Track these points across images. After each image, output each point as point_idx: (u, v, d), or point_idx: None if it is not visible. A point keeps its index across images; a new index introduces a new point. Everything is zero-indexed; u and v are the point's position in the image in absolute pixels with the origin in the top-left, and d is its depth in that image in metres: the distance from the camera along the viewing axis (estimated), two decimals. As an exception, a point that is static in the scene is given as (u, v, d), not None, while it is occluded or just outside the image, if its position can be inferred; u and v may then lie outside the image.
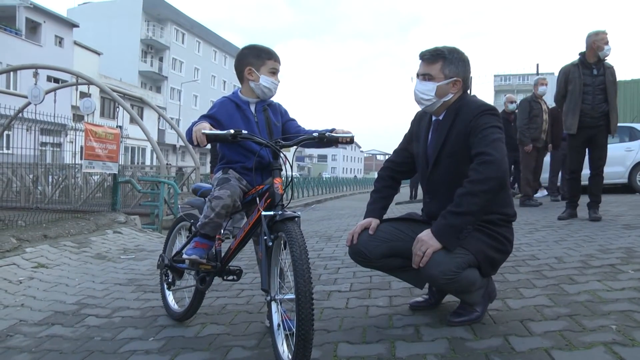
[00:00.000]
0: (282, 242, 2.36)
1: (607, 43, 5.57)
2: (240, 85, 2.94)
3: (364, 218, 2.79)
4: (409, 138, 2.90)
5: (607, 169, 5.84)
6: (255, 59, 2.81)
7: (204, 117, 2.76)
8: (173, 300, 3.29)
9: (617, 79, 5.78)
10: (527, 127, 7.85)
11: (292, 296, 2.18)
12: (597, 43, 5.58)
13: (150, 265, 5.03)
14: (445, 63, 2.59)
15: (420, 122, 2.84)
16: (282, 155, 2.57)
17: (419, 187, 3.22)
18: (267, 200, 2.48)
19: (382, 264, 2.71)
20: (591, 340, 2.17)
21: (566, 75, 5.83)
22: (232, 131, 2.45)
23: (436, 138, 2.64)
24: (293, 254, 2.12)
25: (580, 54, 5.77)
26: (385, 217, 2.84)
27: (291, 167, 2.56)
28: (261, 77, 2.80)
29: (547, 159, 8.83)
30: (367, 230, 2.70)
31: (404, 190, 18.19)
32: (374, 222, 2.72)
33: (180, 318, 3.10)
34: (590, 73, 5.64)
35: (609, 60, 5.70)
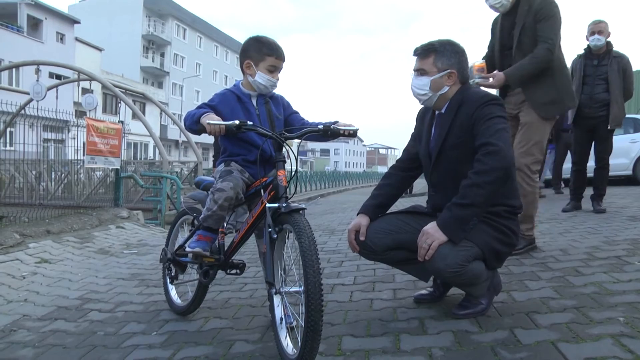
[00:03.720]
0: (286, 234, 2.34)
1: (596, 33, 5.49)
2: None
3: (357, 214, 2.77)
4: (414, 136, 2.89)
5: (611, 161, 5.80)
6: (255, 53, 2.75)
7: (204, 106, 2.73)
8: (176, 295, 3.27)
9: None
10: None
11: (298, 288, 2.17)
12: (588, 33, 5.57)
13: (153, 260, 5.03)
14: (437, 56, 2.58)
15: (423, 117, 2.82)
16: (286, 147, 2.54)
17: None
18: (271, 193, 2.46)
19: (387, 257, 2.69)
20: (598, 333, 2.15)
21: (572, 68, 5.80)
22: (237, 122, 2.43)
23: (439, 131, 2.62)
24: (302, 245, 2.10)
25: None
26: (388, 211, 2.82)
27: (296, 159, 2.53)
28: (257, 74, 2.73)
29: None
30: (371, 223, 2.69)
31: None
32: (363, 221, 2.70)
33: (183, 312, 3.09)
34: (591, 63, 5.60)
35: (622, 49, 5.66)
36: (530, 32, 3.63)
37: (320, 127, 2.59)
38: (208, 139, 2.68)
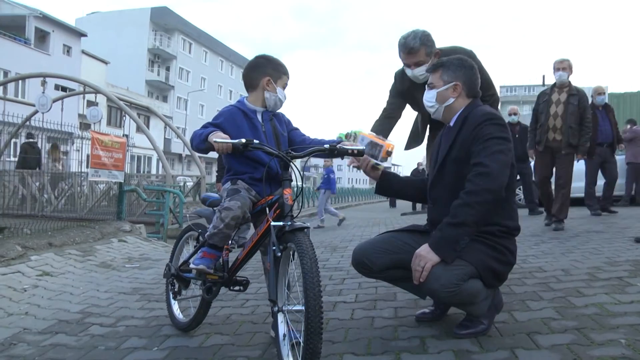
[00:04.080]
0: (290, 252, 2.34)
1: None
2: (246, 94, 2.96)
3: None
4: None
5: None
6: (274, 71, 2.87)
7: (210, 125, 2.76)
8: (178, 310, 3.27)
9: (624, 91, 6.00)
10: (532, 129, 6.71)
11: (300, 307, 2.17)
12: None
13: (154, 274, 5.02)
14: (443, 70, 2.68)
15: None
16: (293, 166, 2.57)
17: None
18: (277, 211, 2.48)
19: (385, 275, 2.72)
20: (600, 355, 2.14)
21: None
22: (243, 140, 2.46)
23: (444, 143, 2.66)
24: (304, 266, 2.11)
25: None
26: (391, 229, 2.85)
27: (302, 177, 2.56)
28: (278, 90, 2.85)
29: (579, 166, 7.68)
30: (370, 242, 2.74)
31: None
32: None
33: (185, 328, 3.08)
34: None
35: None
36: None
37: (327, 146, 2.61)
38: (211, 153, 2.73)
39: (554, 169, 6.30)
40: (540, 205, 7.90)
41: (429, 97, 2.73)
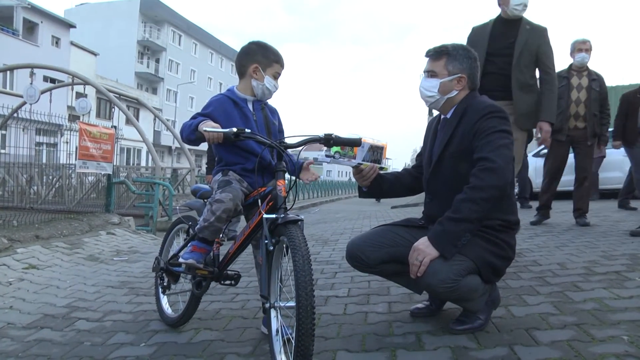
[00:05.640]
0: (283, 246, 2.26)
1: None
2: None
3: None
4: (424, 141, 2.86)
5: (607, 174, 5.78)
6: (263, 58, 2.74)
7: (198, 116, 2.66)
8: (167, 305, 3.19)
9: (615, 84, 5.77)
10: None
11: (292, 304, 2.10)
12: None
13: (143, 268, 4.94)
14: (449, 59, 2.55)
15: (432, 123, 2.79)
16: (286, 156, 2.48)
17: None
18: (269, 203, 2.39)
19: (380, 270, 2.63)
20: (602, 352, 2.08)
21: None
22: (235, 129, 2.36)
23: (442, 136, 2.58)
24: (295, 263, 2.02)
25: None
26: (382, 222, 2.77)
27: (295, 168, 2.47)
28: (266, 78, 2.73)
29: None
30: (364, 235, 2.65)
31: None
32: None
33: (174, 323, 3.00)
34: None
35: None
36: (533, 50, 3.84)
37: (322, 135, 2.52)
38: (201, 145, 2.64)
39: (575, 161, 5.87)
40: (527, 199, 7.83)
41: (429, 86, 2.58)
